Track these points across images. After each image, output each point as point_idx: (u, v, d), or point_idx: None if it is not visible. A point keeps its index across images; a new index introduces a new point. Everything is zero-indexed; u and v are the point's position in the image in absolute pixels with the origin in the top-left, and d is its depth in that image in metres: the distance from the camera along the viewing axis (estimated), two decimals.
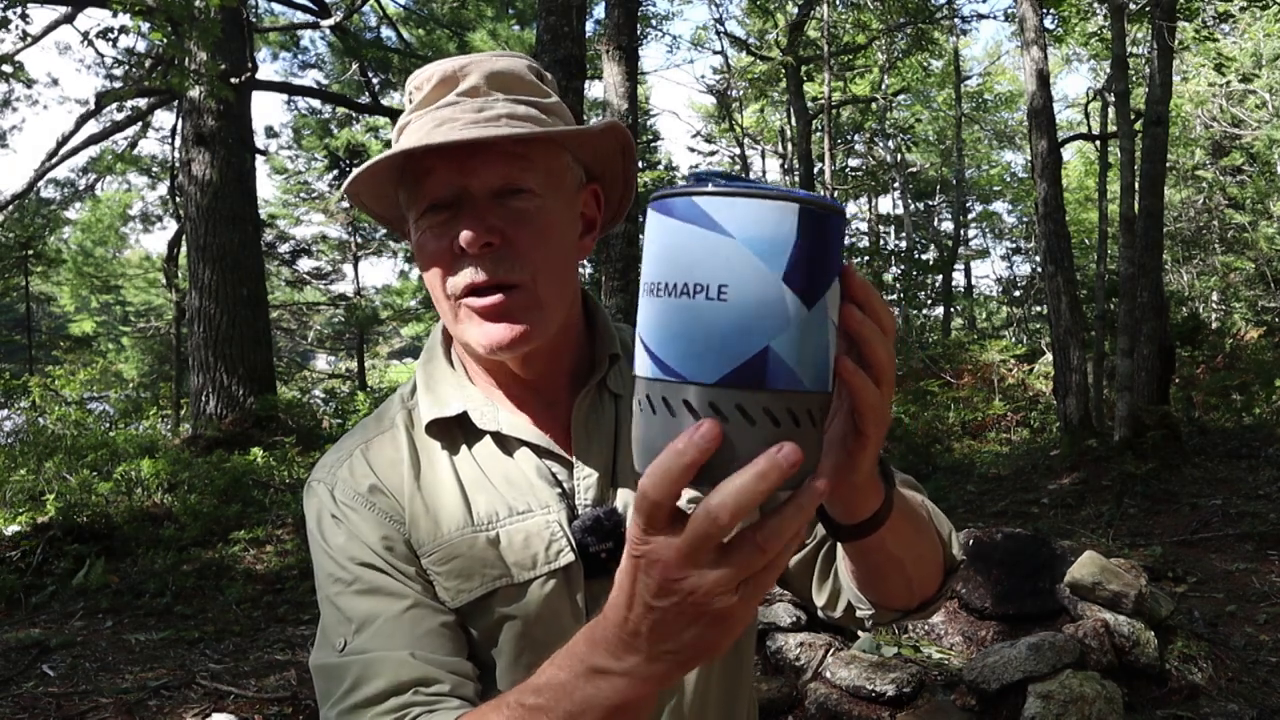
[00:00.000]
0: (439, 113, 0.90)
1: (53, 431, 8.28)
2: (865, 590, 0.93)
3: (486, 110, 0.90)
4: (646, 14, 18.56)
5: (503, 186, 0.88)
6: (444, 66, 0.93)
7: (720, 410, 0.55)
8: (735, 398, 0.55)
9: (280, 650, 4.40)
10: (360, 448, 0.98)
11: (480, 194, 0.88)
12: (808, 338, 0.56)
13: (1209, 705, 3.51)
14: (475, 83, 0.92)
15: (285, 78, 18.03)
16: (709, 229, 0.55)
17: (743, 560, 0.57)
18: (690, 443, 0.54)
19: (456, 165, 0.88)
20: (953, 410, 12.79)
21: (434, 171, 0.88)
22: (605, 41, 6.63)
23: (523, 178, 0.89)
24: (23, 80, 7.54)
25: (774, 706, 3.33)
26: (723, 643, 0.62)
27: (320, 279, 21.73)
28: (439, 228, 0.89)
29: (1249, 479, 7.29)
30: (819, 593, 1.02)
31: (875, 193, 28.09)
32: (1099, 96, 15.25)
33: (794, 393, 0.56)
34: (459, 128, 0.88)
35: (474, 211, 0.88)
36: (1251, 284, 18.71)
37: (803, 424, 0.56)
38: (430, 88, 0.92)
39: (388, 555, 0.91)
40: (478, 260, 0.87)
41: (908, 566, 0.87)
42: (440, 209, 0.89)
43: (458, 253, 0.88)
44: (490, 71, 0.93)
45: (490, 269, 0.87)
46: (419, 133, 0.90)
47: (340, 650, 0.88)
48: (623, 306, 6.38)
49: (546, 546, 0.92)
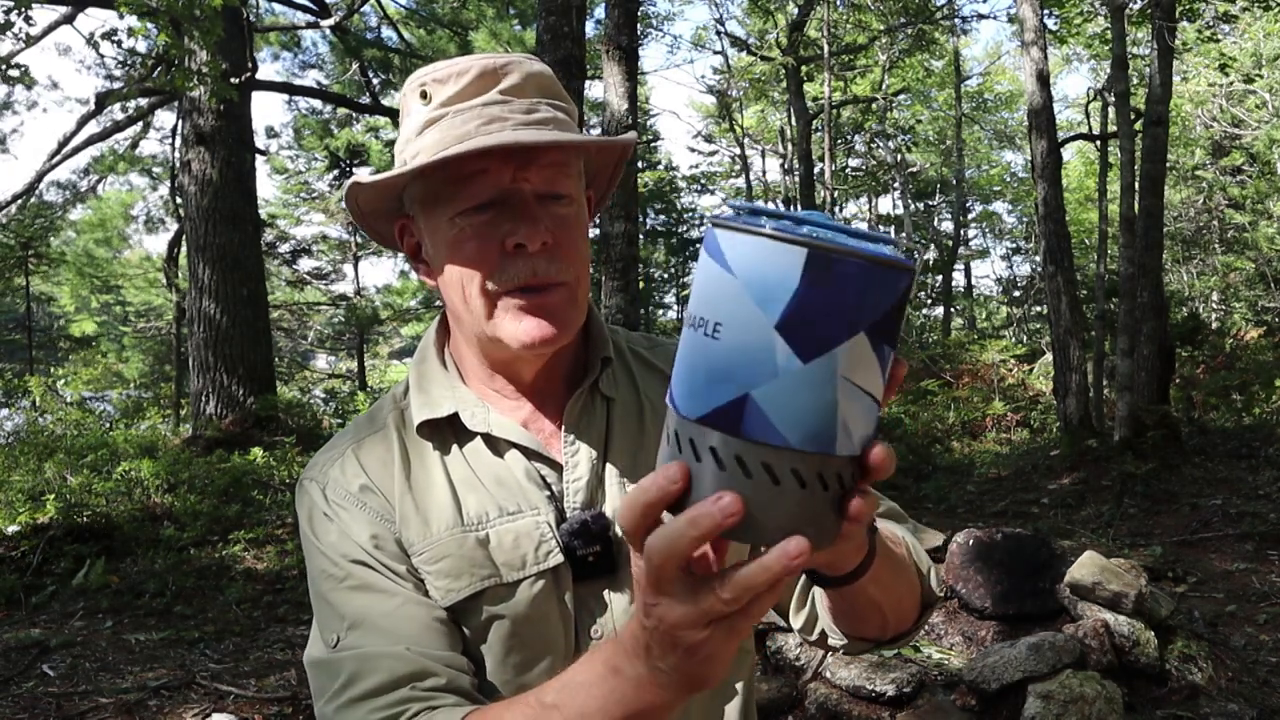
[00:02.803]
0: (486, 109, 0.89)
1: (53, 431, 8.29)
2: (839, 623, 0.94)
3: (535, 113, 0.90)
4: (646, 14, 18.57)
5: (547, 191, 0.90)
6: (482, 62, 0.91)
7: (695, 449, 0.55)
8: (711, 439, 0.54)
9: (280, 650, 4.40)
10: (352, 447, 0.98)
11: (529, 196, 0.89)
12: (798, 393, 0.52)
13: (1209, 705, 3.51)
14: (519, 82, 0.91)
15: (286, 78, 18.03)
16: (719, 264, 0.54)
17: (707, 603, 0.57)
18: (654, 483, 0.56)
19: (511, 167, 0.88)
20: (952, 410, 12.79)
21: (488, 172, 0.88)
22: (605, 41, 6.63)
23: (565, 183, 0.91)
24: (26, 84, 7.53)
25: (774, 706, 3.33)
26: (703, 673, 0.63)
27: (320, 279, 21.71)
28: (484, 226, 0.89)
29: (1249, 479, 7.29)
30: (796, 616, 1.03)
31: (875, 193, 28.11)
32: (1099, 96, 15.24)
33: (772, 447, 0.53)
34: (512, 127, 0.88)
35: (529, 213, 0.88)
36: (1251, 284, 18.72)
37: (783, 482, 0.53)
38: (468, 81, 0.90)
39: (378, 554, 0.91)
40: (534, 259, 0.88)
41: (885, 607, 0.88)
42: (486, 209, 0.89)
43: (510, 251, 0.88)
44: (529, 73, 0.92)
45: (545, 268, 0.89)
46: (461, 128, 0.88)
47: (333, 646, 0.89)
48: (622, 307, 6.37)
49: (536, 547, 0.92)
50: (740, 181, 26.57)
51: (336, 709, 0.86)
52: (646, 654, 0.64)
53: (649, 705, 0.68)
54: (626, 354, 1.06)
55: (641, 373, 1.05)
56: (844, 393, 0.53)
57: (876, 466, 0.56)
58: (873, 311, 0.52)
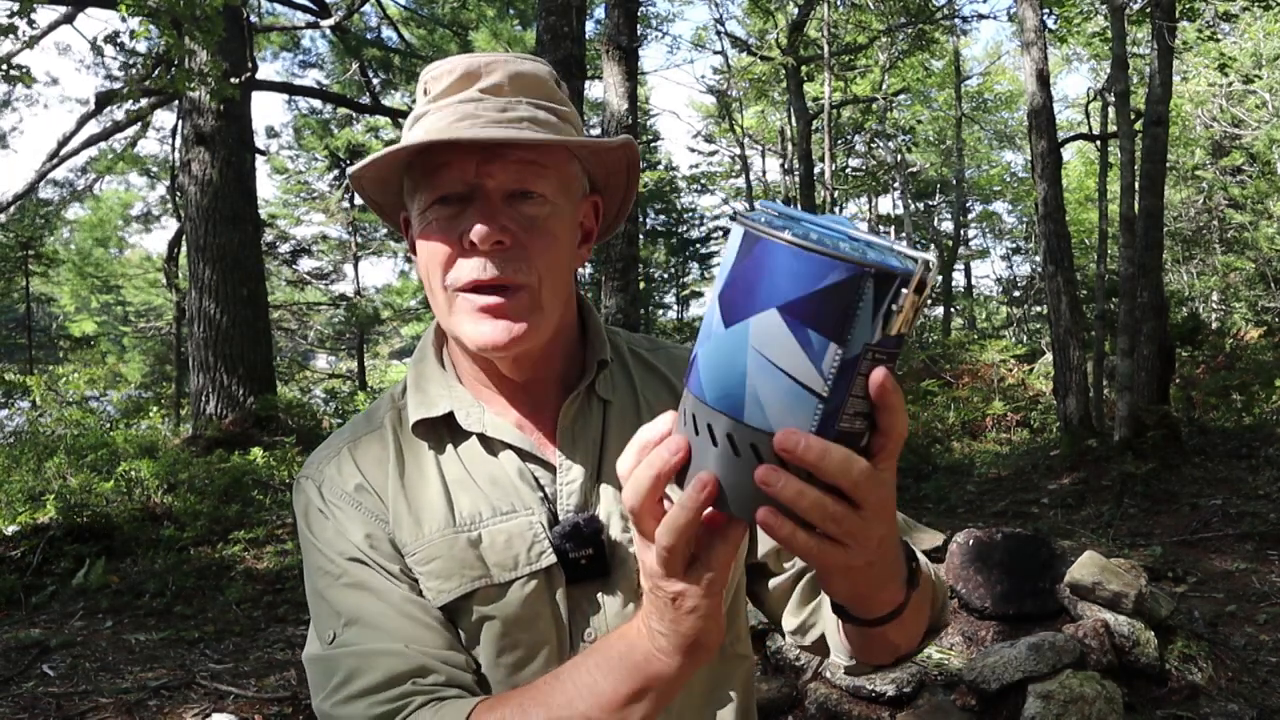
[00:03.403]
0: (460, 107, 0.90)
1: (53, 431, 8.29)
2: (850, 646, 0.94)
3: (509, 111, 0.90)
4: (646, 14, 18.58)
5: (516, 189, 0.89)
6: (467, 61, 0.92)
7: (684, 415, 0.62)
8: (686, 400, 0.62)
9: (280, 650, 4.40)
10: (348, 446, 0.98)
11: (494, 193, 0.89)
12: (718, 355, 0.57)
13: (1209, 705, 3.51)
14: (498, 81, 0.92)
15: (286, 78, 18.03)
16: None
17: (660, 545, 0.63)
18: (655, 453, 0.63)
19: (474, 162, 0.88)
20: (952, 410, 12.78)
21: (451, 165, 0.88)
22: (605, 41, 6.63)
23: (537, 182, 0.90)
24: (26, 83, 7.51)
25: (774, 706, 3.33)
26: (695, 631, 0.68)
27: (320, 279, 21.71)
28: (447, 221, 0.89)
29: (1249, 479, 7.29)
30: (790, 619, 1.04)
31: (875, 193, 28.11)
32: (1099, 96, 15.23)
33: (698, 400, 0.59)
34: (481, 124, 0.88)
35: (487, 208, 0.88)
36: (1251, 284, 18.72)
37: (700, 433, 0.59)
38: (451, 80, 0.92)
39: (373, 553, 0.92)
40: (486, 257, 0.87)
41: (901, 646, 0.89)
42: (450, 202, 0.89)
43: (466, 247, 0.88)
44: (514, 72, 0.93)
45: (498, 267, 0.88)
46: (437, 123, 0.90)
47: (329, 643, 0.89)
48: (622, 307, 6.37)
49: (529, 548, 0.92)
50: (740, 181, 26.58)
51: (334, 705, 0.86)
52: (645, 620, 0.70)
53: (656, 674, 0.71)
54: (626, 355, 1.05)
55: (641, 374, 1.05)
56: (754, 363, 0.56)
57: (778, 447, 0.56)
58: (785, 292, 0.54)
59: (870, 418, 0.58)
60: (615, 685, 0.73)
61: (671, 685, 0.72)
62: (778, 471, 0.56)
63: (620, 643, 0.74)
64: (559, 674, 0.78)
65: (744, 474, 0.58)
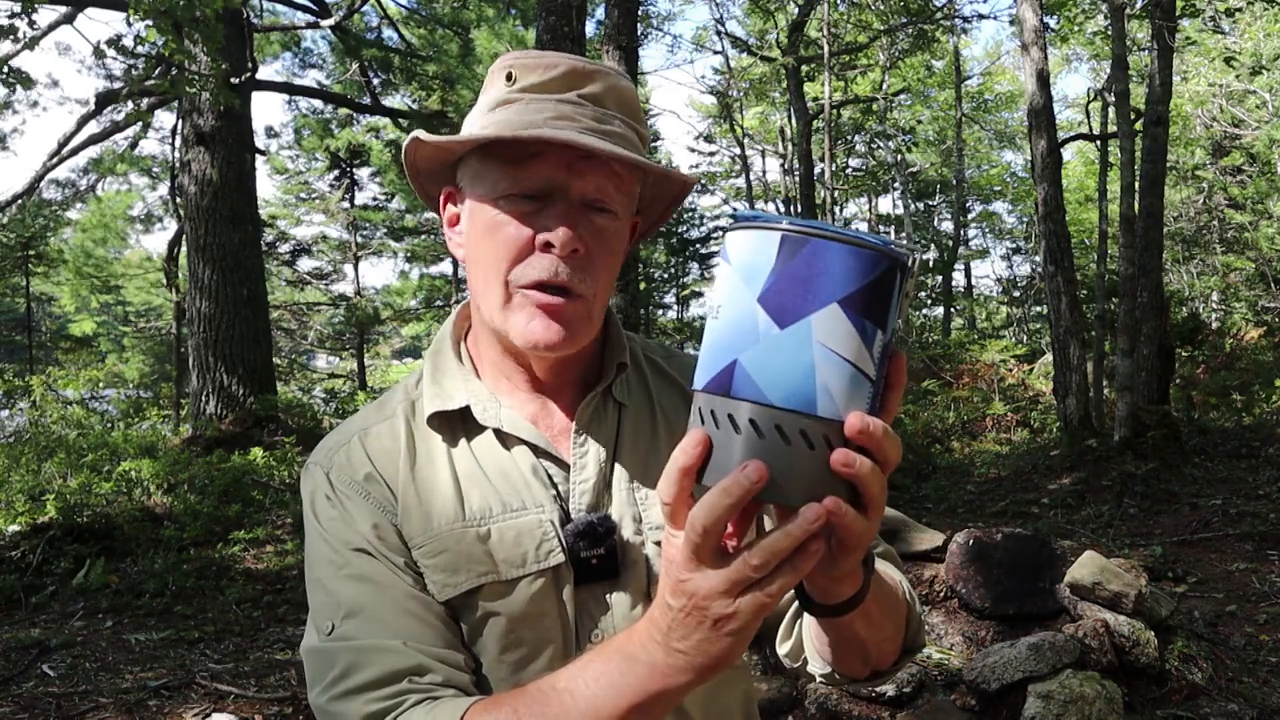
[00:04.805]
0: (558, 105, 0.91)
1: (53, 431, 8.29)
2: (822, 653, 0.95)
3: (607, 124, 0.91)
4: (647, 14, 18.57)
5: (595, 199, 0.90)
6: (572, 62, 0.93)
7: (701, 415, 0.63)
8: (713, 404, 0.62)
9: (280, 650, 4.40)
10: (359, 434, 0.98)
11: (575, 199, 0.90)
12: (776, 355, 0.60)
13: (1209, 705, 3.51)
14: (600, 91, 0.93)
15: (286, 77, 18.02)
16: (723, 260, 0.64)
17: (735, 570, 0.63)
18: (680, 448, 0.63)
19: (567, 163, 0.89)
20: (952, 410, 12.78)
21: (542, 160, 0.89)
22: (605, 41, 6.63)
23: (614, 197, 0.91)
24: (25, 85, 7.51)
25: (774, 706, 3.33)
26: (723, 651, 0.67)
27: (320, 279, 21.71)
28: (525, 217, 0.90)
29: (1249, 479, 7.29)
30: (783, 643, 1.05)
31: (875, 193, 28.13)
32: (1099, 96, 15.24)
33: (757, 404, 0.60)
34: (580, 129, 0.89)
35: (569, 214, 0.89)
36: (1251, 284, 18.71)
37: (767, 436, 0.60)
38: (551, 76, 0.92)
39: (379, 544, 0.91)
40: (561, 261, 0.89)
41: (870, 647, 0.89)
42: (531, 199, 0.90)
43: (540, 246, 0.89)
44: (615, 85, 0.94)
45: (569, 273, 0.89)
46: (532, 116, 0.90)
47: (327, 634, 0.88)
48: (622, 307, 6.38)
49: (537, 545, 0.92)
50: (740, 181, 26.58)
51: (330, 700, 0.86)
52: (665, 637, 0.68)
53: (661, 690, 0.71)
54: (642, 362, 1.06)
55: (656, 382, 1.05)
56: (820, 356, 0.59)
57: (852, 431, 0.60)
58: (844, 286, 0.59)
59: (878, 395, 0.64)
60: (616, 700, 0.72)
61: (676, 699, 0.72)
62: (854, 455, 0.60)
63: (622, 655, 0.73)
64: (556, 681, 0.77)
65: (806, 463, 0.60)
